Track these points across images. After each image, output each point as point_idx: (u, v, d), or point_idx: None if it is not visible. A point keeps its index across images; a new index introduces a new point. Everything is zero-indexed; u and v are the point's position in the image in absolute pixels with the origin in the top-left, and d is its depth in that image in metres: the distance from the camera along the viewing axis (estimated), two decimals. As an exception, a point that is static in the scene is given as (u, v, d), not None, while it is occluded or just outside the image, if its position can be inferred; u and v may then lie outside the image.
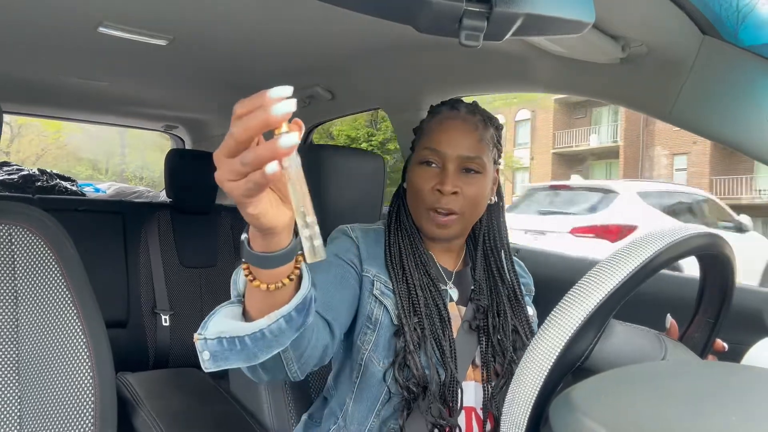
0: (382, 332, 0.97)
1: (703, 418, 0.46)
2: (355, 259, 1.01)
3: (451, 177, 0.99)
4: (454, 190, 0.98)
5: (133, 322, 2.11)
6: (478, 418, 0.98)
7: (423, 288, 0.99)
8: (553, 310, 0.56)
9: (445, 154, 1.00)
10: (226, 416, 1.22)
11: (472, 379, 1.00)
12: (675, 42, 1.02)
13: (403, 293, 0.98)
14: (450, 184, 0.98)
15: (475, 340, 1.01)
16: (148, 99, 2.55)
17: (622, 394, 0.52)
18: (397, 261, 1.01)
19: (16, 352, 0.98)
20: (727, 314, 0.74)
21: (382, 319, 0.97)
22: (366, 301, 0.99)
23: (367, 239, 1.04)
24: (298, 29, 1.51)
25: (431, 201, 1.00)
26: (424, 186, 1.00)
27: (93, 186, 3.00)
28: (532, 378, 0.53)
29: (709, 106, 1.03)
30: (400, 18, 0.63)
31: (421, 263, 1.02)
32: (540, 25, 0.65)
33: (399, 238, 1.04)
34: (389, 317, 0.97)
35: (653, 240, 0.57)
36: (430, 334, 0.95)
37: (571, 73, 1.26)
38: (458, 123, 1.02)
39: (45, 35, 1.61)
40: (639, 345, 0.66)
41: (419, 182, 1.01)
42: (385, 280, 1.00)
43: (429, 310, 0.97)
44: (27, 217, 1.04)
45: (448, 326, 0.98)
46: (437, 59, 1.58)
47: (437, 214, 0.99)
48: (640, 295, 0.59)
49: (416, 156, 1.04)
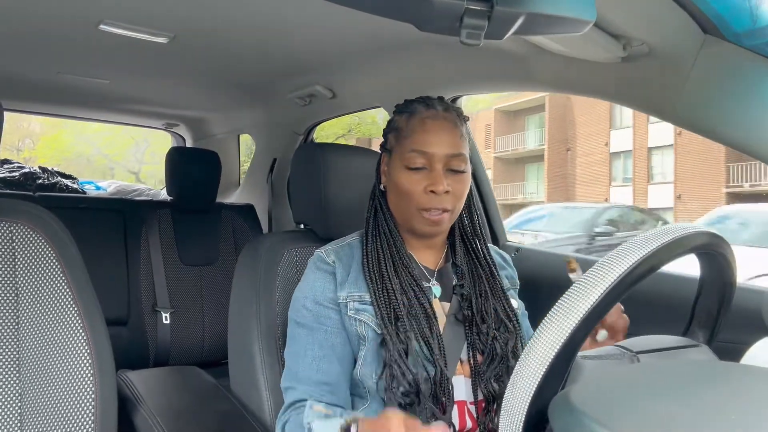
0: (370, 345, 0.99)
1: (703, 417, 0.46)
2: (331, 296, 1.03)
3: (442, 177, 0.99)
4: (447, 190, 0.99)
5: (133, 320, 2.12)
6: (469, 413, 0.99)
7: (405, 289, 1.00)
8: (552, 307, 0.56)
9: (432, 155, 1.00)
10: (226, 415, 1.22)
11: (461, 374, 1.01)
12: (676, 41, 1.02)
13: (381, 301, 0.99)
14: (443, 184, 0.99)
15: (462, 334, 1.02)
16: (149, 97, 2.55)
17: (622, 393, 0.52)
18: (375, 269, 1.02)
19: (17, 350, 0.98)
20: (727, 313, 0.74)
21: (366, 333, 1.00)
22: (348, 324, 1.01)
23: (341, 258, 1.06)
24: (299, 27, 1.51)
25: (424, 202, 1.00)
26: (414, 188, 1.00)
27: (94, 184, 2.99)
28: (530, 375, 0.53)
29: (710, 105, 1.03)
30: (402, 16, 0.63)
31: (403, 265, 1.03)
32: (541, 24, 0.65)
33: (378, 245, 1.04)
34: (371, 329, 0.99)
35: (652, 238, 0.57)
36: (416, 335, 0.96)
37: (572, 72, 1.26)
38: (440, 122, 1.02)
39: (46, 33, 1.61)
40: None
41: (409, 185, 1.01)
42: (358, 296, 1.02)
43: (413, 310, 0.98)
44: (28, 214, 1.04)
45: (435, 323, 0.99)
46: (438, 58, 1.58)
47: (430, 212, 1.00)
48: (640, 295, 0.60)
49: (401, 159, 1.03)
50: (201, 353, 2.21)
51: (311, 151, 1.33)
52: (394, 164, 1.05)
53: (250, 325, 1.21)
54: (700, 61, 1.01)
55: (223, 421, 1.20)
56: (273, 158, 2.61)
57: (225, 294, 2.20)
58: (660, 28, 1.02)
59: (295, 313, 1.05)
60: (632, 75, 1.13)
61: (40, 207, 1.07)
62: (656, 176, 18.15)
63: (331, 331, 1.02)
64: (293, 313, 1.06)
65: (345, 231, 1.19)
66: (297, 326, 1.04)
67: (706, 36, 1.00)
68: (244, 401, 1.23)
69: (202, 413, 1.27)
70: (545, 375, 0.53)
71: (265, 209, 2.64)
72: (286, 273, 1.25)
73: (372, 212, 1.09)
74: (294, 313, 1.06)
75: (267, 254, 1.26)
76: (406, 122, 1.04)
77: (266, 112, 2.50)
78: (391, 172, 1.05)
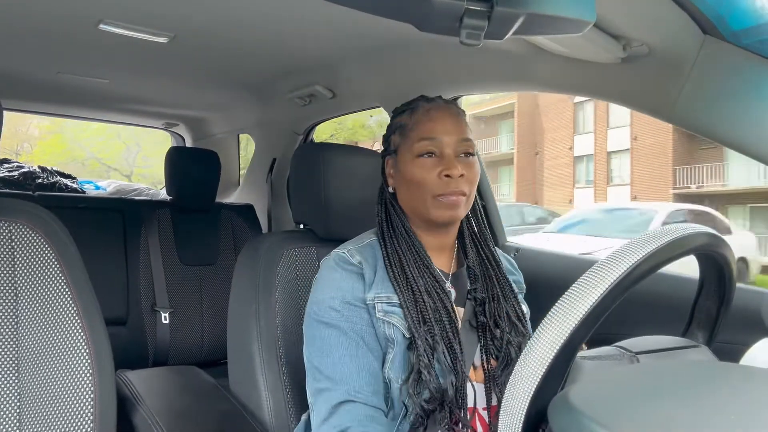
0: (398, 349, 0.96)
1: (702, 418, 0.46)
2: (360, 296, 1.00)
3: (455, 161, 0.99)
4: (462, 173, 0.99)
5: (132, 319, 2.11)
6: (481, 418, 0.98)
7: (429, 291, 0.98)
8: (553, 306, 0.56)
9: (442, 140, 1.00)
10: (226, 415, 1.22)
11: (474, 380, 0.99)
12: (676, 41, 1.02)
13: (409, 303, 0.97)
14: (457, 168, 0.98)
15: (475, 339, 1.00)
16: (148, 97, 2.55)
17: (621, 394, 0.52)
18: (399, 271, 1.00)
19: (16, 350, 0.98)
20: (727, 314, 0.74)
21: (395, 336, 0.97)
22: (377, 326, 0.98)
23: (366, 259, 1.03)
24: (298, 27, 1.51)
25: (439, 187, 0.99)
26: (427, 175, 1.00)
27: (93, 183, 2.99)
28: (530, 376, 0.53)
29: (710, 106, 1.03)
30: (401, 16, 0.63)
31: (424, 265, 1.01)
32: (541, 24, 0.65)
33: (396, 246, 1.03)
34: (400, 332, 0.97)
35: (651, 239, 0.57)
36: (441, 340, 0.95)
37: (572, 73, 1.26)
38: (444, 111, 1.03)
39: (46, 32, 1.61)
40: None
41: (422, 173, 1.00)
42: (386, 297, 0.99)
43: (437, 314, 0.97)
44: (27, 214, 1.04)
45: (456, 326, 0.97)
46: (438, 58, 1.58)
47: (447, 197, 0.99)
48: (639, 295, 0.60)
49: (410, 151, 1.02)
50: (200, 353, 2.21)
51: (311, 151, 1.33)
52: (402, 160, 1.04)
53: (250, 325, 1.21)
54: (699, 61, 1.01)
55: (223, 420, 1.20)
56: (273, 158, 2.61)
57: (224, 294, 2.20)
58: (660, 29, 1.02)
59: (320, 315, 1.00)
60: (632, 75, 1.13)
61: (39, 206, 1.07)
62: (615, 179, 18.81)
63: (365, 330, 0.98)
64: (318, 315, 1.00)
65: (345, 231, 1.19)
66: (325, 327, 0.99)
67: (706, 36, 1.00)
68: (244, 401, 1.23)
69: (202, 413, 1.27)
70: (545, 376, 0.53)
71: (264, 209, 2.64)
72: (286, 273, 1.25)
73: (383, 215, 1.07)
74: (319, 315, 1.00)
75: (266, 254, 1.26)
76: (409, 118, 1.05)
77: (266, 112, 2.49)
78: (401, 169, 1.04)
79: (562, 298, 0.55)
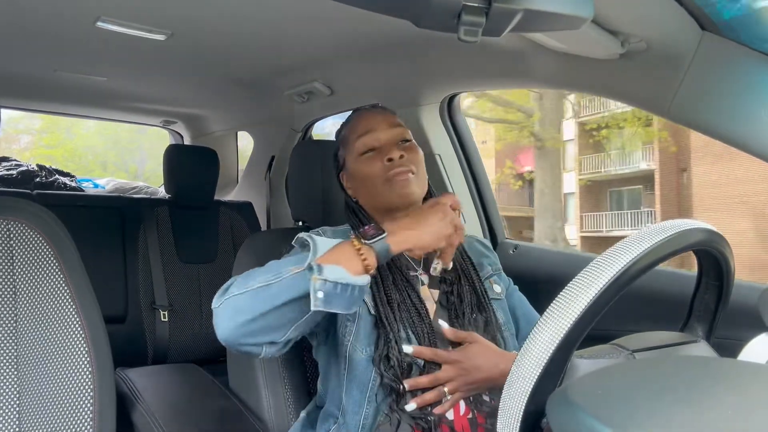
0: (362, 324, 1.01)
1: (700, 413, 0.46)
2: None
3: (394, 147, 1.09)
4: (401, 154, 1.08)
5: (131, 317, 2.11)
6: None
7: (395, 279, 1.04)
8: (550, 305, 0.56)
9: (377, 133, 1.11)
10: (225, 412, 1.22)
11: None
12: (674, 38, 1.02)
13: (378, 287, 1.02)
14: (396, 152, 1.07)
15: (447, 317, 1.05)
16: (146, 94, 2.54)
17: (619, 389, 0.52)
18: None
19: (15, 348, 0.98)
20: (725, 308, 0.74)
21: (360, 312, 1.01)
22: None
23: (338, 237, 1.04)
24: (296, 24, 1.51)
25: (386, 171, 1.07)
26: (374, 166, 1.08)
27: (92, 181, 2.98)
28: (527, 374, 0.54)
29: (708, 102, 1.03)
30: (400, 13, 0.63)
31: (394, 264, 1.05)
32: (538, 21, 0.65)
33: None
34: (366, 308, 1.02)
35: (649, 236, 0.57)
36: (407, 323, 1.00)
37: (570, 69, 1.26)
38: (374, 112, 1.16)
39: (43, 30, 1.60)
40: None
41: (368, 167, 1.09)
42: None
43: (403, 299, 1.03)
44: (26, 212, 1.04)
45: (425, 311, 1.03)
46: (436, 55, 1.58)
47: (395, 178, 1.06)
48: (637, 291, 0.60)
49: (354, 154, 1.12)
50: (199, 350, 2.20)
51: (310, 148, 1.33)
52: (351, 167, 1.13)
53: (249, 322, 1.21)
54: (697, 57, 1.01)
55: (221, 418, 1.20)
56: (271, 155, 2.61)
57: (223, 291, 2.19)
58: (658, 25, 1.02)
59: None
60: (630, 71, 1.13)
61: (38, 205, 1.07)
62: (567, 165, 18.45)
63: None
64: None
65: (343, 228, 1.19)
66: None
67: (704, 32, 1.00)
68: (243, 398, 1.24)
69: (200, 410, 1.27)
70: (542, 374, 0.53)
71: (263, 206, 2.64)
72: (285, 270, 1.25)
73: (355, 221, 1.13)
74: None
75: (265, 251, 1.26)
76: (347, 128, 1.16)
77: (264, 109, 2.49)
78: (352, 174, 1.13)
79: (558, 296, 0.56)
